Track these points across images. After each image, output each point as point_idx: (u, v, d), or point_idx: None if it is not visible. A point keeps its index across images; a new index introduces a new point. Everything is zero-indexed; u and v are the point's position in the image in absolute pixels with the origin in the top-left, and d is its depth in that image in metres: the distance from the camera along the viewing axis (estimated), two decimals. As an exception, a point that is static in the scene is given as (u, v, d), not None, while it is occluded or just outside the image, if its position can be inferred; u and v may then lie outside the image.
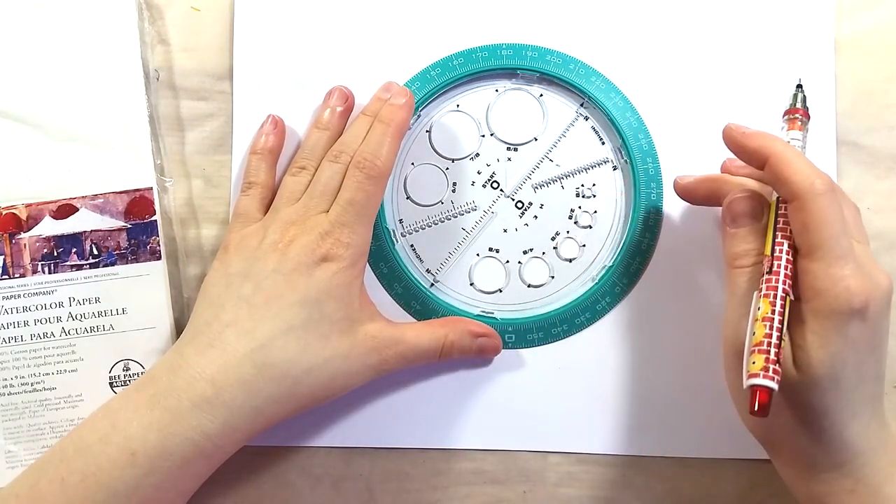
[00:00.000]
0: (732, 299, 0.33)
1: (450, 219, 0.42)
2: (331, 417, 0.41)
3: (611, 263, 0.41)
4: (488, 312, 0.41)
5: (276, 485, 0.41)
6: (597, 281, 0.41)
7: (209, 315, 0.36)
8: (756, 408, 0.29)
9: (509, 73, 0.42)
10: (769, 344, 0.30)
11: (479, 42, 0.42)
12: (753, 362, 0.30)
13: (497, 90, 0.42)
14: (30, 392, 0.40)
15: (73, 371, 0.40)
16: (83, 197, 0.40)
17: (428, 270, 0.42)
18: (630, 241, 0.41)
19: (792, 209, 0.31)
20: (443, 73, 0.41)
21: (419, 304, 0.41)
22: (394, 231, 0.42)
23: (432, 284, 0.42)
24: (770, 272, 0.31)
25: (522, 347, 0.41)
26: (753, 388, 0.29)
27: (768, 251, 0.32)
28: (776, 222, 0.32)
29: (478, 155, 0.42)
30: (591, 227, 0.42)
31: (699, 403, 0.40)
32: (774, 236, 0.32)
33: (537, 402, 0.41)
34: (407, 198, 0.42)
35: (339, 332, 0.36)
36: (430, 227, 0.42)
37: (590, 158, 0.42)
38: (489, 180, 0.42)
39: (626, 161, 0.41)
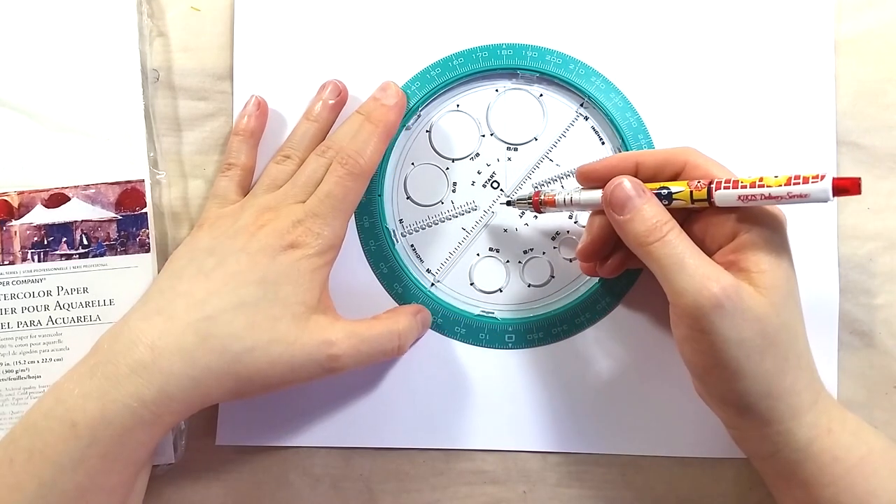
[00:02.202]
0: (669, 267, 0.32)
1: (450, 219, 0.42)
2: (331, 417, 0.41)
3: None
4: (488, 312, 0.41)
5: (276, 485, 0.41)
6: (597, 281, 0.41)
7: (165, 285, 0.36)
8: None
9: (510, 73, 0.42)
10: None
11: (479, 42, 0.42)
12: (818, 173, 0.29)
13: (497, 90, 0.42)
14: (14, 379, 0.40)
15: (58, 360, 0.40)
16: (75, 186, 0.41)
17: (428, 270, 0.42)
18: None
19: (686, 177, 0.34)
20: (443, 73, 0.41)
21: (419, 304, 0.41)
22: (394, 231, 0.42)
23: (433, 284, 0.42)
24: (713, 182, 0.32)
25: (522, 347, 0.41)
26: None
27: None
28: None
29: (478, 155, 0.42)
30: None
31: (699, 403, 0.40)
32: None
33: (537, 402, 0.41)
34: (407, 198, 0.42)
35: (290, 317, 0.35)
36: (430, 227, 0.42)
37: (590, 158, 0.42)
38: (489, 180, 0.42)
39: None
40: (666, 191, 0.33)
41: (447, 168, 0.42)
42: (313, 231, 0.36)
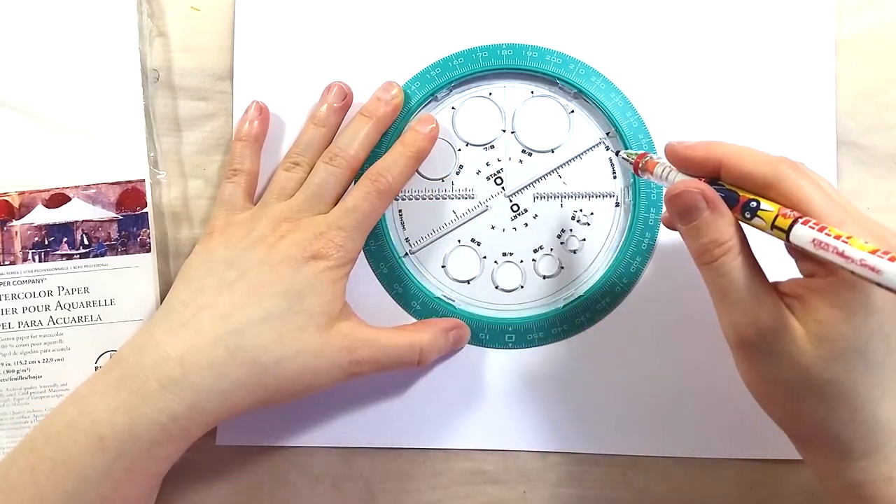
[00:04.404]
0: (714, 293, 0.31)
1: (445, 198, 0.42)
2: (331, 417, 0.41)
3: (581, 294, 0.41)
4: (449, 299, 0.41)
5: (276, 485, 0.41)
6: (596, 281, 0.41)
7: (186, 296, 0.36)
8: None
9: (549, 80, 0.41)
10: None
11: (479, 42, 0.42)
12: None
13: (532, 92, 0.42)
14: (15, 380, 0.40)
15: (59, 360, 0.40)
16: (76, 186, 0.41)
17: (407, 240, 0.42)
18: (629, 241, 0.41)
19: (773, 199, 0.29)
20: (443, 73, 0.41)
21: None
22: None
23: (406, 254, 0.42)
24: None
25: (522, 347, 0.41)
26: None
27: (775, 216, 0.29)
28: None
29: (492, 147, 0.42)
30: (576, 252, 0.42)
31: (699, 403, 0.40)
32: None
33: (537, 402, 0.41)
34: None
35: (315, 327, 0.35)
36: (424, 199, 0.42)
37: (597, 187, 0.42)
38: (495, 175, 0.42)
39: (630, 202, 0.41)
40: (755, 203, 0.29)
41: (459, 149, 0.42)
42: (336, 243, 0.36)
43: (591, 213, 0.41)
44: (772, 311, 0.29)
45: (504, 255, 0.42)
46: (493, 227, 0.42)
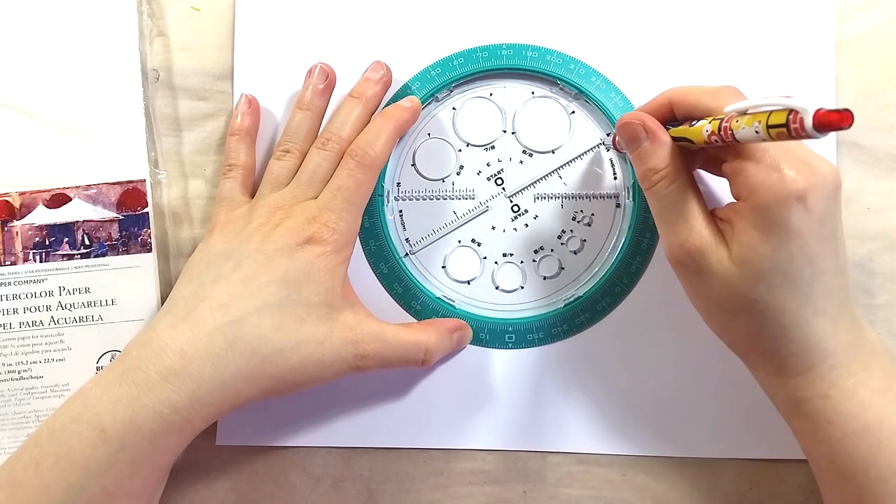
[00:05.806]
0: (655, 216, 0.34)
1: (446, 199, 0.42)
2: (331, 417, 0.41)
3: (581, 294, 0.41)
4: (449, 299, 0.41)
5: (276, 485, 0.41)
6: (596, 281, 0.41)
7: (187, 291, 0.36)
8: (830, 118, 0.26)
9: (550, 80, 0.42)
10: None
11: (479, 42, 0.42)
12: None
13: (533, 92, 0.42)
14: (16, 380, 0.40)
15: (60, 360, 0.40)
16: (77, 187, 0.41)
17: (407, 240, 0.42)
18: (630, 241, 0.41)
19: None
20: (443, 73, 0.41)
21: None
22: (388, 192, 0.42)
23: (406, 254, 0.42)
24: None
25: (522, 347, 0.41)
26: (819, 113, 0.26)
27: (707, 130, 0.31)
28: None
29: (493, 147, 0.42)
30: (576, 252, 0.42)
31: (699, 403, 0.41)
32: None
33: (537, 402, 0.41)
34: (412, 164, 0.42)
35: (315, 317, 0.35)
36: (424, 199, 0.42)
37: (597, 188, 0.42)
38: (495, 175, 0.42)
39: (630, 203, 0.41)
40: (691, 123, 0.33)
41: (460, 150, 0.42)
42: (329, 226, 0.36)
43: (592, 214, 0.42)
44: (700, 234, 0.32)
45: (504, 255, 0.42)
46: (493, 228, 0.42)
